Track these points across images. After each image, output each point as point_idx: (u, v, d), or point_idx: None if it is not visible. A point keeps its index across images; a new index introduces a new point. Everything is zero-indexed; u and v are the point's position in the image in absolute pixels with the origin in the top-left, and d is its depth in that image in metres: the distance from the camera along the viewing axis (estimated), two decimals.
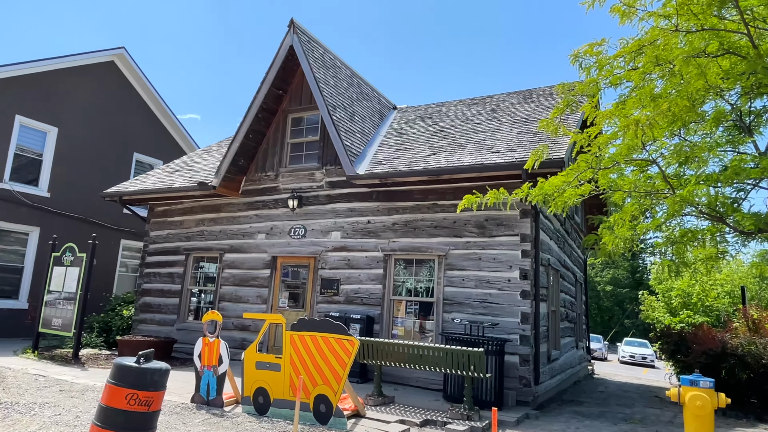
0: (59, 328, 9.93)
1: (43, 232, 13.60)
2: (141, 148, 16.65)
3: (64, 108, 14.50)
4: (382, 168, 9.16)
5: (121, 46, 15.93)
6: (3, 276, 13.14)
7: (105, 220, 14.95)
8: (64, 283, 10.06)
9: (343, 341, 5.91)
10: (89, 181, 14.70)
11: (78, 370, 8.78)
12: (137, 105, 16.70)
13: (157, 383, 3.22)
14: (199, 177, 11.35)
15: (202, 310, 11.54)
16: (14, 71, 13.40)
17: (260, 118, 10.94)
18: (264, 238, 10.73)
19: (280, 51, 10.53)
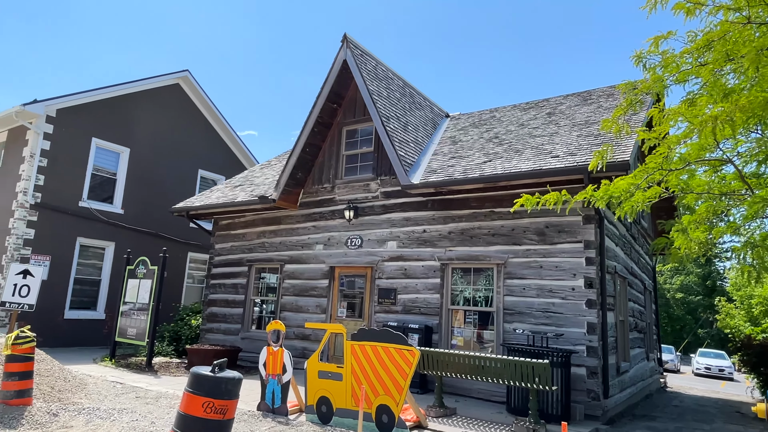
0: (134, 337, 10.53)
1: (117, 247, 14.52)
2: (205, 164, 17.46)
3: (135, 129, 15.47)
4: (437, 177, 9.14)
5: (185, 69, 16.83)
6: (83, 288, 14.10)
7: (173, 234, 15.76)
8: (138, 295, 10.67)
9: (404, 351, 5.90)
10: (158, 197, 15.56)
11: (151, 377, 9.26)
12: (201, 124, 17.56)
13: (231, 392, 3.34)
14: (260, 191, 11.75)
15: (264, 319, 11.89)
16: (90, 97, 14.47)
17: (316, 132, 11.21)
18: (322, 248, 10.94)
19: (334, 66, 10.77)
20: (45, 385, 6.88)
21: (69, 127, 13.85)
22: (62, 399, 6.77)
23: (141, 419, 6.13)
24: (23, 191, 12.93)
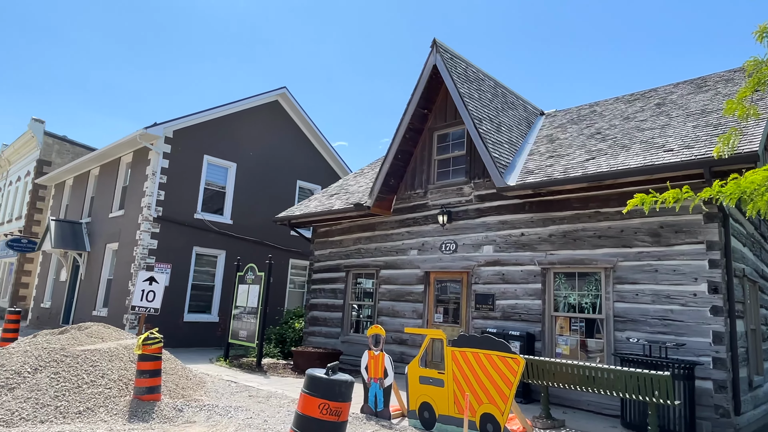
0: (245, 339, 11.24)
1: (228, 255, 15.64)
2: (302, 175, 18.31)
3: (241, 145, 16.61)
4: (535, 177, 8.79)
5: (283, 86, 17.79)
6: (199, 293, 15.35)
7: (276, 241, 16.67)
8: (247, 299, 11.40)
9: (507, 359, 5.71)
10: (262, 207, 16.56)
11: (261, 377, 9.82)
12: (298, 137, 18.46)
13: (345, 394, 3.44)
14: (354, 198, 12.06)
15: (362, 323, 12.15)
16: (201, 118, 15.77)
17: (407, 139, 11.29)
18: (416, 254, 10.97)
19: (424, 71, 10.80)
20: (170, 383, 7.54)
21: (184, 146, 15.19)
22: (185, 396, 7.38)
23: (255, 417, 6.51)
24: (147, 206, 14.38)
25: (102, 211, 17.19)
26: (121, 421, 5.95)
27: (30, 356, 6.68)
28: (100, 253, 16.51)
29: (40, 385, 6.18)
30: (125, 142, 15.43)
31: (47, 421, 5.68)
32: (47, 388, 6.16)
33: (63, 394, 6.16)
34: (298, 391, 8.48)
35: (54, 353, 6.83)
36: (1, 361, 6.61)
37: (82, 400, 6.18)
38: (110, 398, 6.40)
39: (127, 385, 6.75)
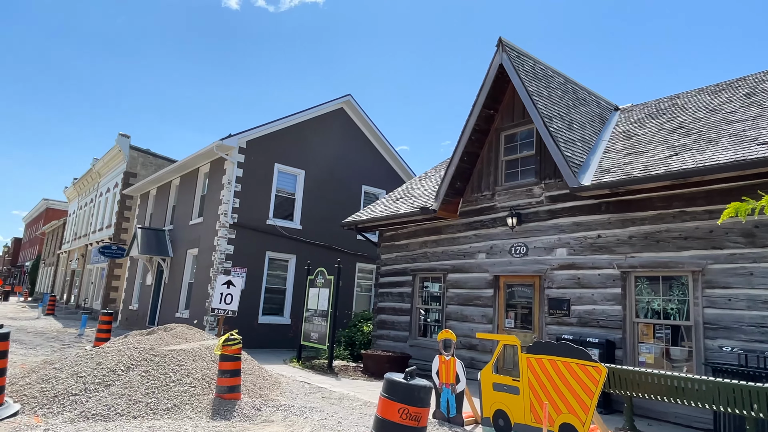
0: (316, 341, 11.52)
1: (298, 259, 16.12)
2: (367, 180, 18.55)
3: (308, 153, 17.09)
4: (612, 176, 8.36)
5: (348, 94, 18.14)
6: (272, 296, 15.92)
7: (343, 246, 16.98)
8: (318, 302, 11.68)
9: (588, 368, 5.46)
10: (328, 212, 16.94)
11: (333, 379, 10.01)
12: (363, 143, 18.73)
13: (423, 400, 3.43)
14: (420, 202, 12.05)
15: (429, 327, 12.09)
16: (271, 128, 16.38)
17: (473, 140, 11.13)
18: (484, 257, 10.77)
19: (490, 71, 10.61)
20: (249, 382, 7.85)
21: (256, 156, 15.85)
22: (262, 395, 7.65)
23: (329, 418, 6.63)
24: (224, 213, 15.12)
25: (183, 218, 18.27)
26: (205, 418, 6.26)
27: (123, 355, 7.20)
28: (181, 258, 17.55)
29: (133, 383, 6.64)
30: (203, 154, 16.33)
31: (139, 416, 6.08)
32: (139, 386, 6.60)
33: (153, 392, 6.58)
34: (369, 394, 8.59)
35: (144, 353, 7.31)
36: (97, 359, 7.17)
37: (170, 398, 6.56)
38: (195, 396, 6.75)
39: (210, 384, 7.10)
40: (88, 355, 7.42)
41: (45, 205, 56.64)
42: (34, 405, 6.17)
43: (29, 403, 6.21)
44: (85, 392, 6.38)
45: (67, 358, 7.81)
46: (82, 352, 7.87)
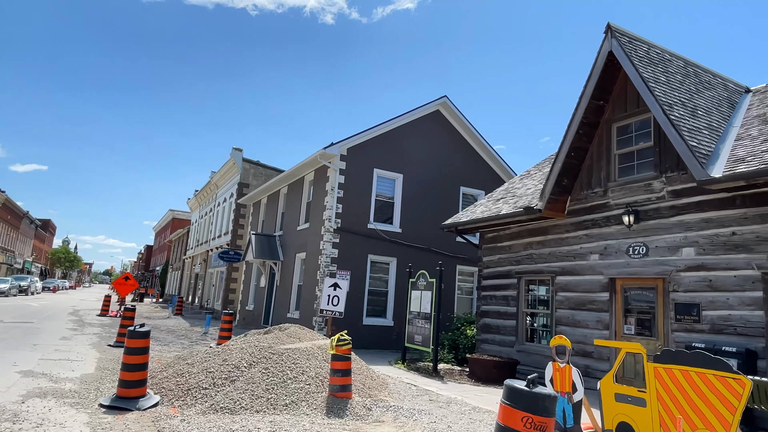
0: (420, 343, 11.55)
1: (399, 262, 16.32)
2: (465, 181, 18.31)
3: (406, 156, 17.26)
4: (748, 166, 7.44)
5: (443, 96, 18.06)
6: (375, 299, 16.26)
7: (442, 248, 16.90)
8: (420, 305, 11.71)
9: (728, 380, 4.88)
10: (427, 215, 16.96)
11: (439, 382, 9.96)
12: (460, 143, 18.53)
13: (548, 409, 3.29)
14: (523, 202, 11.62)
15: (537, 332, 11.60)
16: (370, 134, 16.78)
17: (580, 134, 10.51)
18: (597, 258, 10.11)
19: (597, 60, 9.97)
20: (358, 382, 8.06)
21: (356, 162, 16.32)
22: (371, 395, 7.81)
23: (438, 422, 6.60)
24: (328, 218, 15.74)
25: (291, 224, 19.33)
26: (320, 415, 6.52)
27: (245, 353, 7.73)
28: (291, 261, 18.56)
29: (254, 379, 7.10)
30: (307, 163, 17.15)
31: (261, 411, 6.49)
32: (260, 382, 7.05)
33: (272, 388, 6.99)
34: (477, 399, 8.42)
35: (263, 351, 7.80)
36: (223, 356, 7.77)
37: (288, 394, 6.93)
38: (310, 393, 7.06)
39: (323, 382, 7.39)
40: (215, 352, 8.08)
41: (171, 215, 63.01)
42: (171, 397, 6.83)
43: (167, 395, 6.89)
44: (213, 386, 6.94)
45: (196, 354, 8.57)
46: (209, 350, 8.60)
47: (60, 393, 6.93)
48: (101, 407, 6.30)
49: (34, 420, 5.58)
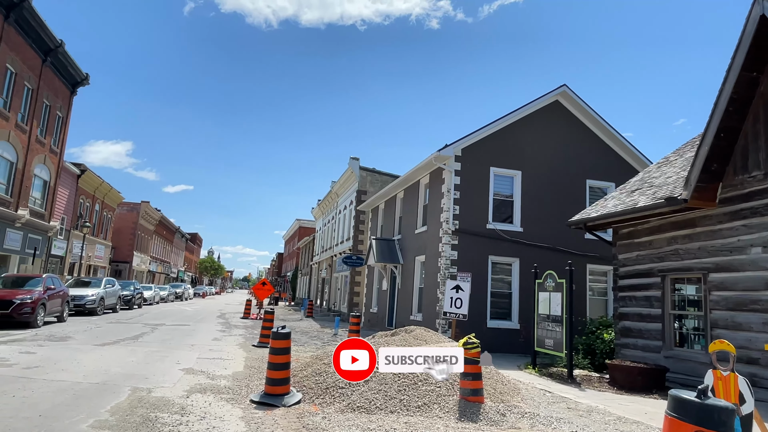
0: (551, 348, 10.99)
1: (522, 262, 15.73)
2: (592, 174, 17.12)
3: (523, 152, 16.63)
4: None
5: (563, 85, 17.11)
6: (498, 300, 15.84)
7: (569, 246, 15.95)
8: (549, 307, 11.15)
9: None
10: (550, 212, 16.14)
11: (576, 389, 9.38)
12: (583, 134, 17.39)
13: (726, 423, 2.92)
14: (663, 192, 10.54)
15: (687, 336, 10.42)
16: (484, 133, 16.44)
17: (731, 112, 9.26)
18: (760, 251, 8.80)
19: (747, 26, 8.73)
20: (488, 387, 7.87)
21: (471, 162, 16.09)
22: (504, 401, 7.58)
23: (579, 431, 6.20)
24: (446, 220, 15.70)
25: (409, 228, 19.62)
26: (453, 419, 6.47)
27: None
28: (410, 264, 18.82)
29: (386, 380, 7.27)
30: (422, 166, 17.29)
31: (395, 411, 6.62)
32: (392, 383, 7.20)
33: (404, 389, 7.10)
34: (622, 409, 7.78)
35: None
36: None
37: (419, 396, 6.99)
38: (441, 396, 7.05)
39: (453, 386, 7.34)
40: None
41: (297, 224, 67.51)
42: (311, 395, 7.26)
43: (308, 392, 7.33)
44: (349, 386, 7.24)
45: (331, 354, 9.01)
46: None
47: (217, 389, 7.71)
48: (252, 403, 6.89)
49: (197, 413, 6.26)
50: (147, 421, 5.76)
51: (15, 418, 5.59)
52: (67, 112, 30.09)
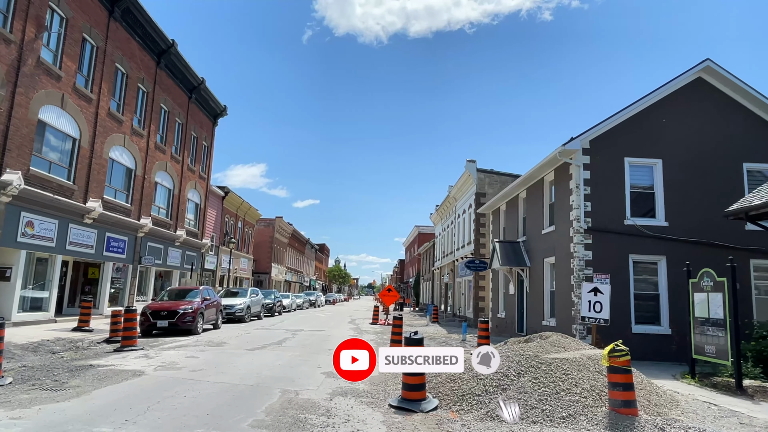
0: (713, 355, 9.73)
1: (669, 260, 14.19)
2: (749, 156, 14.96)
3: (662, 138, 15.05)
4: None
5: (705, 59, 15.23)
6: (642, 303, 14.44)
7: (726, 240, 14.05)
8: (708, 309, 9.90)
9: None
10: (700, 203, 14.39)
11: (747, 402, 8.19)
12: (735, 111, 15.30)
13: None
14: None
15: None
16: (615, 121, 15.18)
17: None
18: None
19: None
20: (641, 398, 7.17)
21: (602, 154, 14.94)
22: (661, 414, 6.85)
23: None
24: (576, 218, 14.74)
25: (534, 228, 18.77)
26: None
27: (512, 361, 7.68)
28: (539, 267, 17.97)
29: (525, 388, 6.98)
30: (545, 163, 16.47)
31: (537, 422, 6.30)
32: (531, 392, 6.89)
33: (545, 399, 6.75)
34: None
35: (530, 360, 7.63)
36: None
37: (563, 406, 6.59)
38: (587, 407, 6.58)
39: (600, 396, 6.81)
40: None
41: (416, 230, 68.32)
42: (447, 401, 7.21)
43: (443, 399, 7.30)
44: (485, 393, 7.07)
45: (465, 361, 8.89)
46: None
47: (356, 393, 8.01)
48: (390, 407, 7.04)
49: (341, 415, 6.55)
50: (297, 422, 6.16)
51: (187, 416, 6.32)
52: (211, 141, 33.83)
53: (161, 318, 16.20)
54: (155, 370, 9.63)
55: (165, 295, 18.79)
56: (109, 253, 21.19)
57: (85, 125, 19.19)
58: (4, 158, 15.00)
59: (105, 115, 20.56)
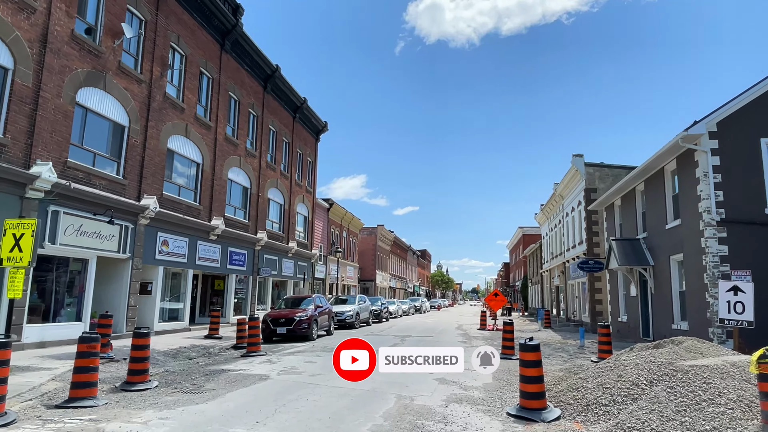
0: None
1: None
2: None
3: None
4: None
5: None
6: None
7: None
8: None
9: None
10: None
11: None
12: None
13: None
14: None
15: None
16: (746, 98, 13.53)
17: None
18: None
19: None
20: None
21: (733, 136, 13.37)
22: None
23: None
24: (706, 210, 13.28)
25: (656, 224, 17.23)
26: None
27: (642, 369, 7.08)
28: (664, 265, 16.44)
29: (659, 398, 6.38)
30: (665, 151, 15.07)
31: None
32: (667, 402, 6.28)
33: (684, 410, 6.11)
34: None
35: (663, 367, 6.98)
36: (617, 372, 7.31)
37: (705, 419, 5.92)
38: (735, 420, 5.85)
39: (750, 407, 6.02)
40: (606, 367, 7.71)
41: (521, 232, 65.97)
42: (570, 411, 6.81)
43: (566, 408, 6.91)
44: (613, 403, 6.58)
45: (586, 369, 8.39)
46: (601, 364, 8.26)
47: (471, 400, 7.87)
48: (509, 416, 6.81)
49: (459, 423, 6.46)
50: (415, 428, 6.18)
51: (310, 419, 6.63)
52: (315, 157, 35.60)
53: (280, 325, 17.25)
54: (278, 374, 10.24)
55: (282, 304, 20.00)
56: (232, 266, 23.05)
57: (206, 150, 21.14)
58: (142, 185, 16.98)
59: (222, 140, 22.50)
